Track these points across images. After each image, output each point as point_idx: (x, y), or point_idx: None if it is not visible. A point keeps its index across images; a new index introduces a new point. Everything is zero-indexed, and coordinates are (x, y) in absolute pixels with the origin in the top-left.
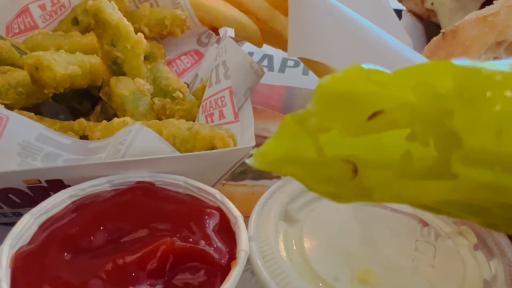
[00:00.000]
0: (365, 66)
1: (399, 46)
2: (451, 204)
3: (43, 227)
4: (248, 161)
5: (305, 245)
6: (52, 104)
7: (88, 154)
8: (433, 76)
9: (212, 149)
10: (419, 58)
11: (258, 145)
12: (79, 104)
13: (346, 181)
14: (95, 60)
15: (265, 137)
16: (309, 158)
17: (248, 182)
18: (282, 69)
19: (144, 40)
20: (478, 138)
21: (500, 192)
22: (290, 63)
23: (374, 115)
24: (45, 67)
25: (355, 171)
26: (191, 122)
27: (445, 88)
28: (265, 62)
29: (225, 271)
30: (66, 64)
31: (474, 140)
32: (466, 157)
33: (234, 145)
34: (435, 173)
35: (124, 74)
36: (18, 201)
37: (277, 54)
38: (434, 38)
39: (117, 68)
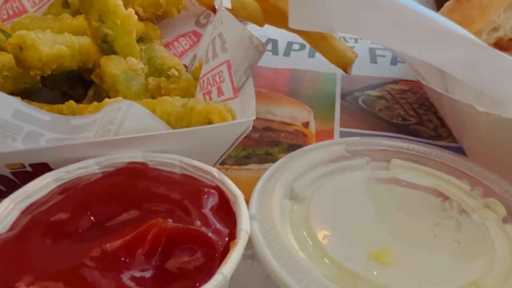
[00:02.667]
0: None
1: (412, 4)
2: None
3: (25, 212)
4: None
5: (312, 224)
6: (45, 91)
7: (73, 133)
8: None
9: (209, 124)
10: (436, 16)
11: (262, 128)
12: (71, 89)
13: None
14: (85, 41)
15: (270, 120)
16: None
17: (252, 166)
18: (287, 53)
19: (135, 16)
20: None
21: None
22: (296, 46)
23: None
24: (29, 46)
25: None
26: (186, 98)
27: None
28: (269, 47)
29: (225, 254)
30: (52, 43)
31: None
32: None
33: (233, 120)
34: None
35: (115, 53)
36: (4, 189)
37: (282, 38)
38: (448, 2)
39: (107, 47)
